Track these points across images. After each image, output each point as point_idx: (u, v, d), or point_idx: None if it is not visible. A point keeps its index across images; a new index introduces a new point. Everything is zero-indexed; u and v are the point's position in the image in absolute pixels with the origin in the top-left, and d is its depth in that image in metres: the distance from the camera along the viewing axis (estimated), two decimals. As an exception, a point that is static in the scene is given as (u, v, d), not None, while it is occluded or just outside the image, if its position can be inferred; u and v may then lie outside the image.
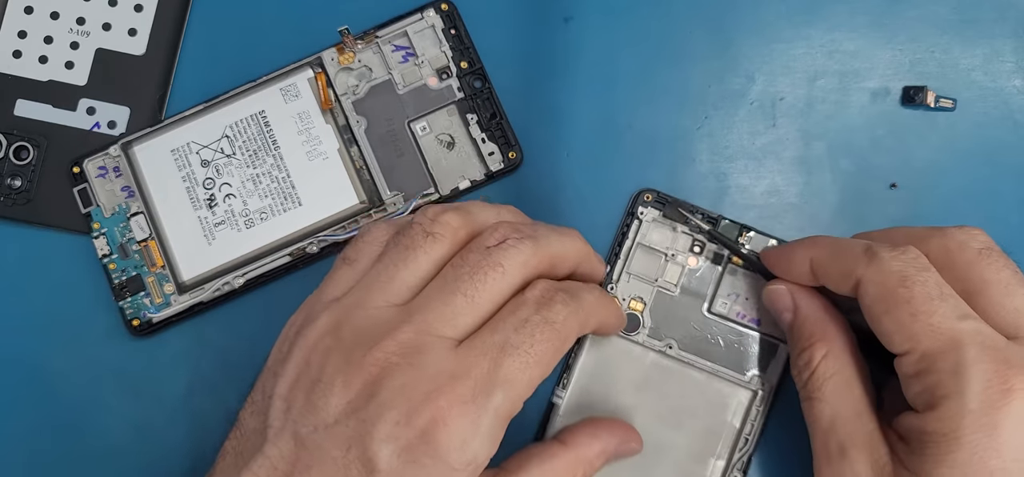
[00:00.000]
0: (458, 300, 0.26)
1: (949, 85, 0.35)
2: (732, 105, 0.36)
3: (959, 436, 0.25)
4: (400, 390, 0.25)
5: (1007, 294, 0.27)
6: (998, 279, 0.27)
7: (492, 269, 0.27)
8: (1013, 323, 0.27)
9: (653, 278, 0.34)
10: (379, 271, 0.28)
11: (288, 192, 0.34)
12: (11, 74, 0.36)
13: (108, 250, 0.34)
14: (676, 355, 0.33)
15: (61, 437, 0.34)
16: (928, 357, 0.26)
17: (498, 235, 0.28)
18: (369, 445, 0.25)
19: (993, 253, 0.27)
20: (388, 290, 0.27)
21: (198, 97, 0.35)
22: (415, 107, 0.35)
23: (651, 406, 0.33)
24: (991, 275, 0.27)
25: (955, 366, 0.25)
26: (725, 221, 0.34)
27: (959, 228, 0.28)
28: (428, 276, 0.28)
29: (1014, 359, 0.25)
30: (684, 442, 0.32)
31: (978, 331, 0.26)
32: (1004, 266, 0.27)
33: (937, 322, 0.26)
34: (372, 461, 0.25)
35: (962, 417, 0.25)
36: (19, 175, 0.35)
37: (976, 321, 0.26)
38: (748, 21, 0.36)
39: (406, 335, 0.26)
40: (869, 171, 0.35)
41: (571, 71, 0.36)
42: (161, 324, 0.34)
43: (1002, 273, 0.27)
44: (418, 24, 0.35)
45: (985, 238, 0.28)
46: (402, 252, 0.28)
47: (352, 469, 0.25)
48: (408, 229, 0.28)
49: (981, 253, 0.27)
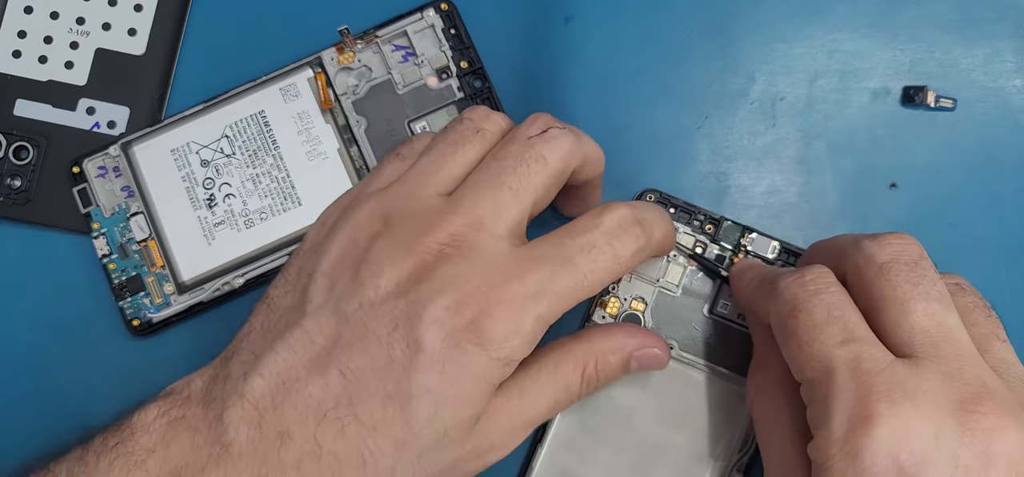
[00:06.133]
0: (504, 194, 0.27)
1: (949, 85, 0.35)
2: (732, 105, 0.36)
3: (830, 466, 0.24)
4: (453, 279, 0.25)
5: (902, 312, 0.25)
6: (895, 296, 0.25)
7: (535, 161, 0.27)
8: (907, 342, 0.25)
9: (655, 278, 0.34)
10: (428, 163, 0.28)
11: (288, 192, 0.34)
12: (11, 74, 0.36)
13: (108, 250, 0.34)
14: (677, 356, 0.33)
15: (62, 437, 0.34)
16: (809, 386, 0.26)
17: (539, 124, 0.28)
18: (417, 325, 0.25)
19: (896, 266, 0.26)
20: (436, 180, 0.28)
21: (198, 97, 0.35)
22: (415, 107, 0.35)
23: (651, 407, 0.33)
24: (888, 292, 0.26)
25: (825, 394, 0.25)
26: (727, 222, 0.34)
27: (874, 238, 0.27)
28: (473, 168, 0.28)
29: (883, 382, 0.24)
30: (683, 442, 0.32)
31: (855, 356, 0.24)
32: (905, 281, 0.26)
33: (816, 350, 0.25)
34: (418, 342, 0.25)
35: (829, 446, 0.24)
36: (19, 175, 0.35)
37: (859, 344, 0.25)
38: (748, 21, 0.36)
39: (457, 226, 0.26)
40: (869, 171, 0.35)
41: (571, 71, 0.36)
42: (161, 324, 0.34)
43: (899, 289, 0.25)
44: (418, 24, 0.35)
45: (895, 249, 0.26)
46: (451, 146, 0.28)
47: (396, 348, 0.25)
48: (458, 124, 0.29)
49: (883, 268, 0.26)
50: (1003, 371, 0.26)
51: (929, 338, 0.25)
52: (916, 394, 0.24)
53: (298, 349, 0.26)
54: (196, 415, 0.26)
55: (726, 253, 0.34)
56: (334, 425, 0.25)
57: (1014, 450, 0.23)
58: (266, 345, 0.26)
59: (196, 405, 0.26)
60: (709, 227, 0.34)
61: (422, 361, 0.25)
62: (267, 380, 0.25)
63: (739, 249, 0.34)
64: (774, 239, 0.34)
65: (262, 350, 0.26)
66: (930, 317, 0.25)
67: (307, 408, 0.25)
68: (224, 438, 0.25)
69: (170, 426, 0.26)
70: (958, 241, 0.34)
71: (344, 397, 0.25)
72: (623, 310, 0.33)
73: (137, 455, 0.25)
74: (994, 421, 0.23)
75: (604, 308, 0.33)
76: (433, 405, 0.25)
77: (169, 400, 0.26)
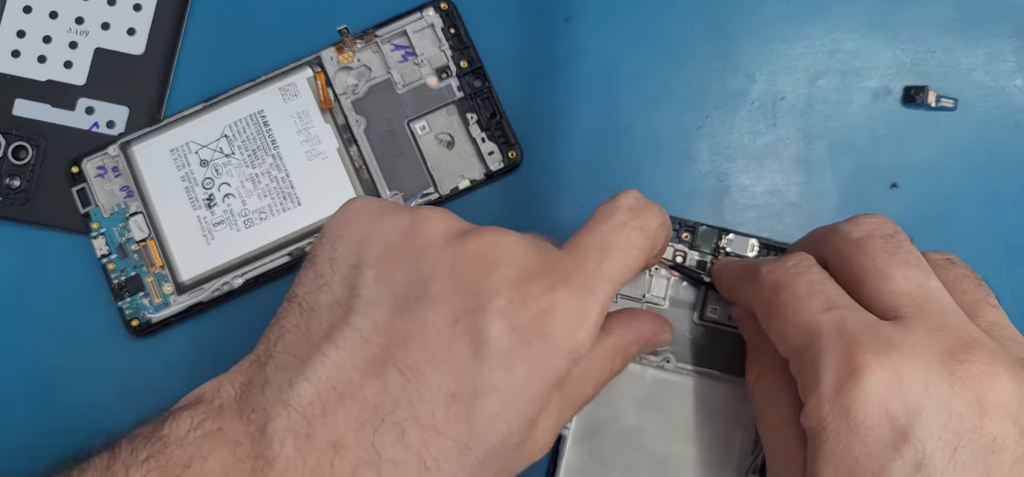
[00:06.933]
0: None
1: (950, 85, 0.35)
2: (733, 105, 0.36)
3: (823, 426, 0.24)
4: (516, 275, 0.24)
5: (882, 279, 0.25)
6: (873, 266, 0.26)
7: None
8: (891, 306, 0.25)
9: (640, 294, 0.33)
10: None
11: (287, 192, 0.34)
12: (10, 74, 0.35)
13: (107, 250, 0.34)
14: (675, 368, 0.33)
15: (61, 437, 0.34)
16: (797, 355, 0.25)
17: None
18: (481, 318, 0.24)
19: (872, 239, 0.26)
20: None
21: (197, 97, 0.35)
22: (415, 106, 0.35)
23: (658, 423, 0.32)
24: (867, 263, 0.26)
25: (812, 358, 0.24)
26: (703, 227, 0.34)
27: (849, 220, 0.27)
28: None
29: (869, 338, 0.24)
30: (696, 454, 0.32)
31: (840, 319, 0.25)
32: (882, 251, 0.26)
33: (800, 319, 0.25)
34: (483, 334, 0.23)
35: (820, 408, 0.24)
36: (18, 175, 0.35)
37: (843, 310, 0.25)
38: (749, 21, 0.36)
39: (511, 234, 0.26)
40: (870, 171, 0.35)
41: (571, 71, 0.36)
42: (160, 324, 0.34)
43: (878, 259, 0.26)
44: (418, 23, 0.35)
45: (870, 225, 0.27)
46: None
47: (458, 343, 0.24)
48: None
49: (859, 242, 0.26)
50: (995, 333, 0.25)
51: (911, 299, 0.25)
52: (903, 347, 0.24)
53: (349, 349, 0.24)
54: (234, 427, 0.24)
55: (706, 258, 0.33)
56: (394, 430, 0.23)
57: (1008, 398, 0.23)
58: (310, 347, 0.24)
59: (232, 416, 0.24)
60: (685, 234, 0.34)
61: (488, 355, 0.23)
62: (315, 385, 0.23)
63: (718, 252, 0.34)
64: (752, 237, 0.33)
65: (306, 353, 0.24)
66: (910, 280, 0.25)
67: (363, 413, 0.23)
68: (268, 452, 0.23)
69: (206, 439, 0.23)
70: (959, 241, 0.34)
71: (404, 398, 0.23)
72: None
73: (172, 470, 0.23)
74: (983, 369, 0.23)
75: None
76: (499, 404, 0.24)
77: (201, 409, 0.24)
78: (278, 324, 0.26)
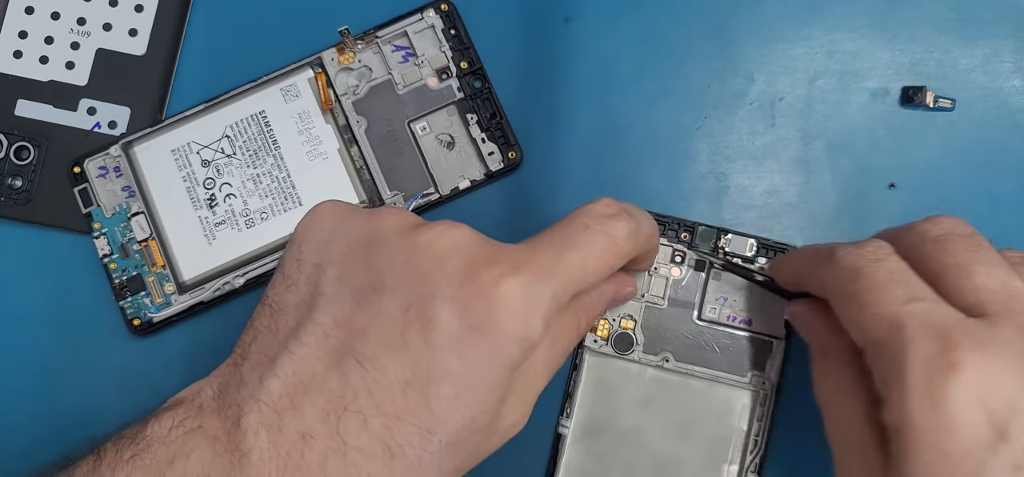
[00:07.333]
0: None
1: (948, 85, 0.35)
2: (732, 105, 0.36)
3: (910, 422, 0.23)
4: (466, 263, 0.25)
5: (965, 275, 0.25)
6: (955, 262, 0.25)
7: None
8: (975, 302, 0.25)
9: (640, 294, 0.33)
10: None
11: (288, 192, 0.34)
12: (12, 74, 0.36)
13: (109, 250, 0.34)
14: (674, 367, 0.33)
15: (61, 437, 0.34)
16: (875, 345, 0.25)
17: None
18: (431, 305, 0.24)
19: (951, 237, 0.26)
20: None
21: (198, 97, 0.35)
22: (415, 107, 0.35)
23: (657, 422, 0.33)
24: (948, 260, 0.26)
25: (895, 350, 0.24)
26: (702, 227, 0.34)
27: (928, 219, 0.27)
28: None
29: (960, 333, 0.24)
30: (695, 453, 0.32)
31: (925, 312, 0.24)
32: (963, 249, 0.26)
33: (880, 309, 0.25)
34: (432, 321, 0.24)
35: (906, 401, 0.23)
36: (20, 175, 0.35)
37: (927, 303, 0.25)
38: (748, 21, 0.36)
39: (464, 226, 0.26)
40: (868, 171, 0.35)
41: (571, 71, 0.36)
42: (162, 324, 0.34)
43: (960, 256, 0.26)
44: (418, 24, 0.35)
45: (949, 225, 0.27)
46: None
47: (410, 330, 0.24)
48: None
49: (938, 240, 0.26)
50: None
51: (996, 296, 0.25)
52: (995, 345, 0.23)
53: (312, 344, 0.25)
54: (213, 424, 0.25)
55: (705, 258, 0.34)
56: (356, 418, 0.24)
57: None
58: (278, 345, 0.26)
59: (211, 414, 0.25)
60: (685, 234, 0.34)
61: (438, 342, 0.24)
62: (283, 380, 0.25)
63: (717, 252, 0.34)
64: (751, 237, 0.34)
65: (275, 351, 0.26)
66: (994, 278, 0.25)
67: (328, 404, 0.24)
68: (244, 445, 0.24)
69: (188, 436, 0.25)
70: (957, 241, 0.34)
71: (363, 388, 0.24)
72: (614, 329, 0.33)
73: (156, 467, 0.24)
74: None
75: (594, 331, 0.33)
76: (454, 389, 0.24)
77: (182, 410, 0.25)
78: (252, 327, 0.27)
